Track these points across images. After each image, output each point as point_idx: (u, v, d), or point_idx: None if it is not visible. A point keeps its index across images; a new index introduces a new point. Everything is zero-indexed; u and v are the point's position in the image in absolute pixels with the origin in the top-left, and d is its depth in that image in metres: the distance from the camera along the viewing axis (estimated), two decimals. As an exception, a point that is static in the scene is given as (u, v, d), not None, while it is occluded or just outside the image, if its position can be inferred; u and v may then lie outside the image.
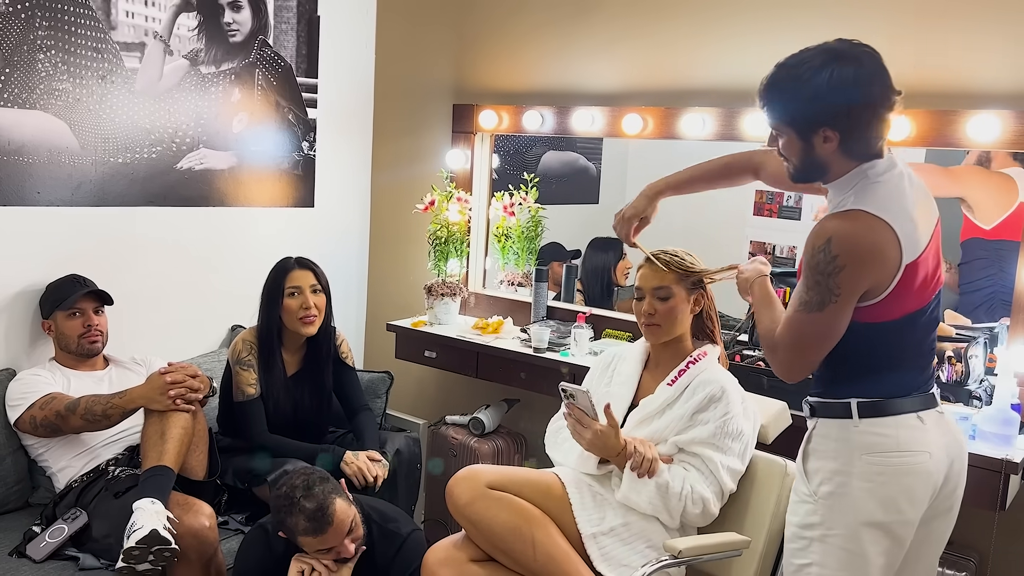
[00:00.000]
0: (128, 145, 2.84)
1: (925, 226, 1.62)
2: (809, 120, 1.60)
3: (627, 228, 2.13)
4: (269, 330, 2.65)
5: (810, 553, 1.68)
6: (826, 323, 1.60)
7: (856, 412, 1.65)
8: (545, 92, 3.18)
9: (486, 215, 3.37)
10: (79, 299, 2.55)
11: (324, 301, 2.67)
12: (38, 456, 2.50)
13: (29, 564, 2.21)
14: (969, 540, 2.36)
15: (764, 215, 3.11)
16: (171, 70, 2.93)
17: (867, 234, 1.56)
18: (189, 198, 3.05)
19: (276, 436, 2.60)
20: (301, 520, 2.06)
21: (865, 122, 1.58)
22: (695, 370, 2.11)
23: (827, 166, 1.64)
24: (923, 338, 1.69)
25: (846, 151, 1.61)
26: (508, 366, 2.94)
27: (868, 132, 1.59)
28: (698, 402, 2.06)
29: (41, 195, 2.65)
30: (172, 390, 2.31)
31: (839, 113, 1.57)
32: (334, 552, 2.11)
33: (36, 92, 2.59)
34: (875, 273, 1.58)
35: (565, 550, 1.96)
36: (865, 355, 1.65)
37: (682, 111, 2.82)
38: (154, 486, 2.17)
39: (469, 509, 2.00)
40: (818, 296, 1.59)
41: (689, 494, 2.00)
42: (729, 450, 2.03)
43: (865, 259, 1.56)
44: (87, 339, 2.56)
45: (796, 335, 1.64)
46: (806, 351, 1.65)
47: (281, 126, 3.30)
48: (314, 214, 3.48)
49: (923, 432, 1.65)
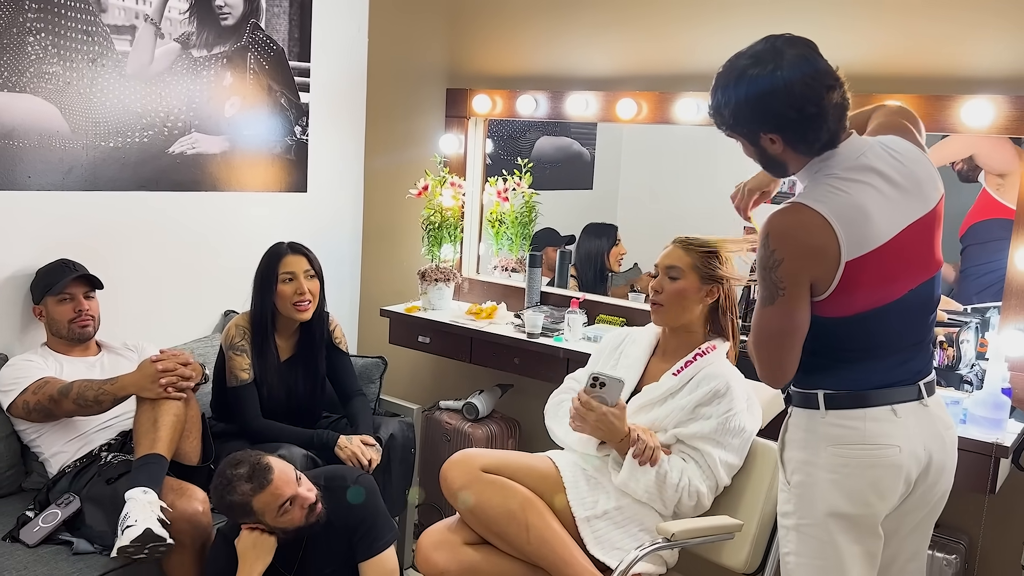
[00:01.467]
0: (119, 129, 2.82)
1: (891, 216, 1.58)
2: (746, 127, 1.61)
3: (747, 200, 1.97)
4: (263, 316, 2.64)
5: (789, 542, 1.70)
6: (780, 317, 1.59)
7: (823, 403, 1.64)
8: (539, 76, 3.17)
9: (480, 200, 3.36)
10: (69, 284, 2.54)
11: (318, 286, 2.67)
12: (31, 441, 2.50)
13: (23, 548, 2.21)
14: (959, 523, 2.38)
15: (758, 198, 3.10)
16: (162, 53, 2.91)
17: (801, 228, 1.55)
18: (181, 183, 3.03)
19: (269, 421, 2.60)
20: (243, 486, 2.05)
21: (797, 122, 1.56)
22: (702, 363, 2.10)
23: (784, 164, 1.64)
24: (903, 328, 1.65)
25: (795, 149, 1.60)
26: (502, 351, 2.94)
27: (805, 130, 1.56)
28: (701, 396, 2.06)
29: (32, 179, 2.64)
30: (163, 378, 2.30)
31: (767, 119, 1.57)
32: (298, 503, 2.08)
33: (26, 75, 2.57)
34: (813, 268, 1.56)
35: (559, 533, 1.97)
36: (830, 348, 1.64)
37: (677, 96, 2.81)
38: (147, 474, 2.17)
39: (463, 493, 2.01)
40: (766, 291, 1.59)
41: (687, 486, 2.01)
42: (728, 446, 2.04)
43: (799, 254, 1.55)
44: (78, 324, 2.55)
45: (759, 332, 1.64)
46: (771, 349, 1.63)
47: (273, 110, 3.28)
48: (307, 199, 3.46)
49: (894, 425, 1.62)
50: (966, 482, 2.08)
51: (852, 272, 1.55)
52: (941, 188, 1.66)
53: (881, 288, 1.59)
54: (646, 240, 2.95)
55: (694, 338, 2.17)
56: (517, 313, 3.07)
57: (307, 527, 2.13)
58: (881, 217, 1.57)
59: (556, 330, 2.88)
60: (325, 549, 2.19)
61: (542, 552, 1.95)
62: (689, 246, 2.14)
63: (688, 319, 2.16)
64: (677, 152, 3.24)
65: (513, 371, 2.95)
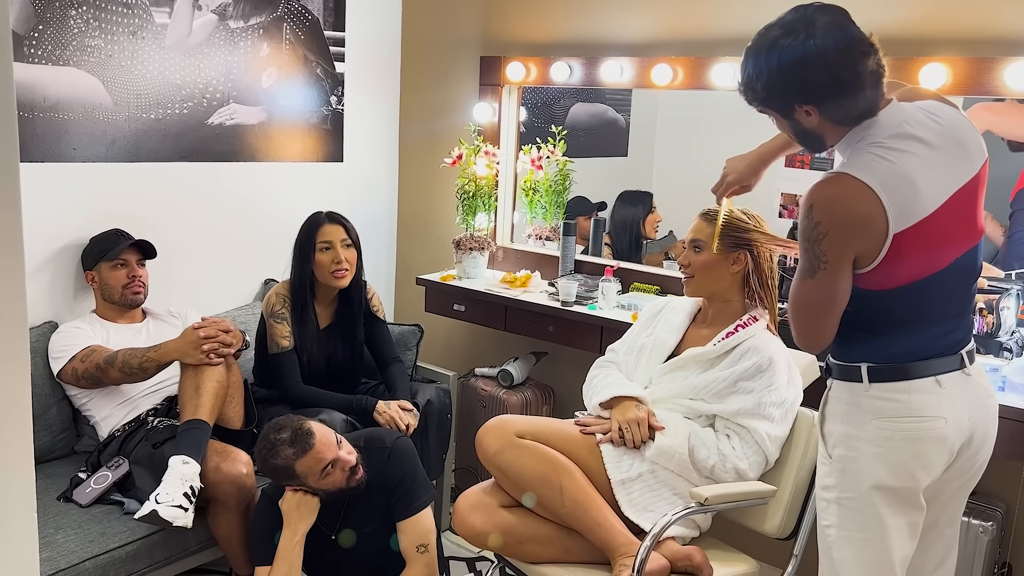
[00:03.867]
0: (160, 101, 2.87)
1: (938, 184, 1.55)
2: (779, 100, 1.57)
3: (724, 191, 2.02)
4: (302, 284, 2.69)
5: (829, 515, 1.69)
6: (821, 290, 1.57)
7: (866, 377, 1.61)
8: (573, 43, 3.15)
9: (514, 169, 3.37)
10: (124, 250, 2.61)
11: (355, 255, 2.71)
12: (81, 406, 2.58)
13: (77, 508, 2.30)
14: (996, 490, 2.36)
15: (796, 166, 3.07)
16: (200, 25, 2.94)
17: (848, 200, 1.52)
18: (221, 153, 3.08)
19: (309, 387, 2.66)
20: (286, 450, 2.10)
21: (833, 91, 1.52)
22: (743, 335, 2.10)
23: (821, 137, 1.61)
24: (947, 298, 1.62)
25: (831, 120, 1.57)
26: (536, 319, 2.96)
27: (841, 99, 1.53)
28: (744, 369, 2.06)
29: (77, 151, 2.70)
30: (205, 344, 2.37)
31: (802, 89, 1.54)
32: (339, 466, 2.14)
33: (69, 49, 2.62)
34: (859, 241, 1.53)
35: (592, 496, 2.00)
36: (874, 320, 1.62)
37: (712, 61, 2.78)
38: (189, 441, 2.24)
39: (498, 458, 2.05)
40: (807, 263, 1.57)
41: (719, 462, 2.03)
42: (773, 418, 2.04)
43: (846, 226, 1.52)
44: (131, 289, 2.63)
45: (797, 303, 1.62)
46: (811, 319, 1.62)
47: (309, 80, 3.31)
48: (343, 169, 3.50)
49: (939, 397, 1.60)
50: (1004, 449, 2.06)
51: (899, 244, 1.52)
52: (985, 152, 1.62)
53: (927, 259, 1.56)
54: (681, 208, 2.94)
55: (733, 307, 2.17)
56: (551, 281, 3.08)
57: (348, 489, 2.18)
58: (928, 186, 1.53)
59: (590, 298, 2.89)
60: (366, 509, 2.25)
61: (576, 514, 1.98)
62: (711, 218, 2.14)
63: (720, 288, 2.16)
64: (713, 118, 3.20)
65: (547, 339, 2.98)
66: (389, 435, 2.35)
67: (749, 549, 2.19)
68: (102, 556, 2.15)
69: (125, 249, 2.62)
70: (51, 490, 2.37)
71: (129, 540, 2.21)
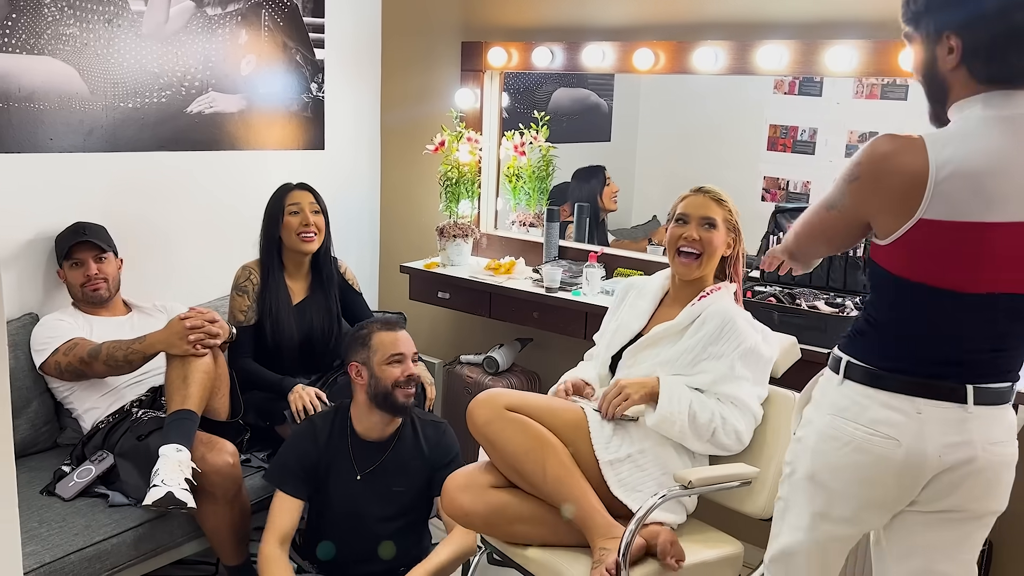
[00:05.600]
0: (137, 90, 2.83)
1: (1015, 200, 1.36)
2: (937, 20, 1.41)
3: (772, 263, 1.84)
4: (269, 252, 2.74)
5: (783, 487, 1.68)
6: (831, 225, 1.54)
7: (843, 372, 1.54)
8: (555, 27, 3.14)
9: (497, 155, 3.36)
10: (75, 249, 2.58)
11: (323, 222, 2.76)
12: (64, 398, 2.56)
13: (61, 501, 2.29)
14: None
15: (778, 150, 3.08)
16: (177, 12, 2.91)
17: (898, 160, 1.39)
18: (200, 142, 3.05)
19: (254, 364, 2.68)
20: (376, 324, 2.36)
21: (993, 35, 1.36)
22: (706, 302, 2.13)
23: (947, 85, 1.44)
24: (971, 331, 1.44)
25: (970, 68, 1.39)
26: (521, 306, 2.96)
27: (996, 49, 1.37)
28: (708, 333, 2.09)
29: (54, 142, 2.66)
30: (192, 335, 2.35)
31: (968, 17, 1.38)
32: (404, 368, 2.27)
33: (43, 37, 2.58)
34: (884, 205, 1.42)
35: (574, 475, 2.01)
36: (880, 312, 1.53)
37: (694, 45, 2.78)
38: (178, 431, 2.23)
39: (487, 428, 2.04)
40: (833, 196, 1.51)
41: (720, 426, 2.04)
42: (749, 378, 2.07)
43: (877, 184, 1.42)
44: (88, 287, 2.60)
45: (806, 220, 1.60)
46: (809, 238, 1.61)
47: (289, 68, 3.28)
48: (324, 156, 3.47)
49: (908, 419, 1.45)
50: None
51: (924, 232, 1.38)
52: None
53: (954, 269, 1.40)
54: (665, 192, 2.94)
55: (704, 283, 2.20)
56: (535, 268, 3.08)
57: (394, 404, 2.28)
58: (1004, 192, 1.35)
59: (574, 284, 2.89)
60: (404, 466, 2.33)
61: (559, 491, 1.99)
62: (719, 200, 2.17)
63: (710, 269, 2.19)
64: (696, 103, 3.21)
65: (532, 325, 2.98)
66: (441, 420, 2.49)
67: (734, 530, 2.21)
68: (88, 549, 2.14)
69: (78, 248, 2.58)
70: (34, 484, 2.35)
71: (115, 532, 2.20)
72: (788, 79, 2.93)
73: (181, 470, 2.13)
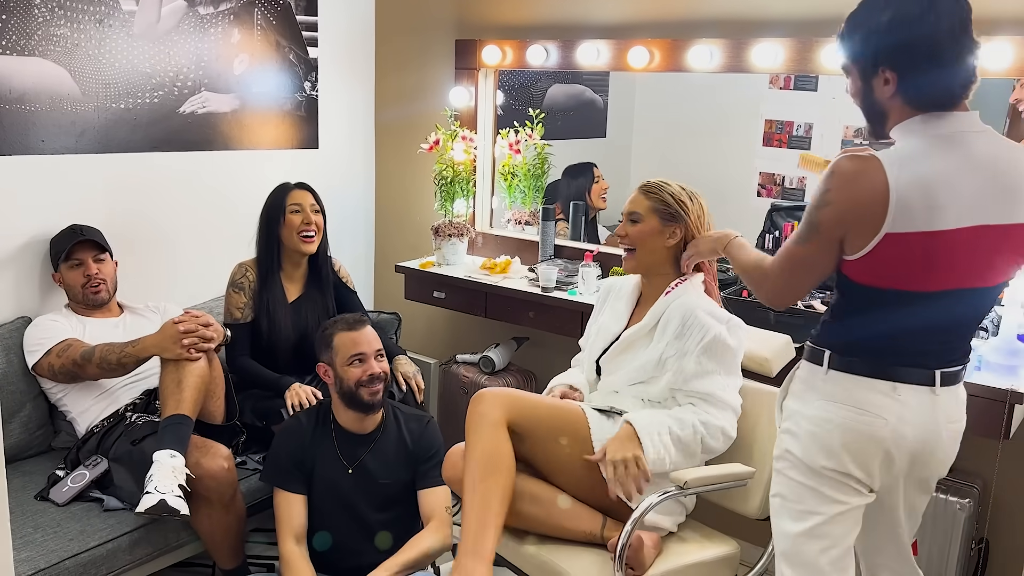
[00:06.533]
0: (129, 90, 2.82)
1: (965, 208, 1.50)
2: (869, 57, 1.56)
3: (690, 263, 2.15)
4: (268, 252, 2.73)
5: (776, 483, 1.73)
6: (809, 257, 1.59)
7: (827, 363, 1.64)
8: (549, 25, 3.12)
9: (492, 153, 3.34)
10: (75, 249, 2.57)
11: (323, 221, 2.77)
12: (58, 401, 2.55)
13: (55, 506, 2.28)
14: (973, 467, 2.39)
15: (774, 145, 3.07)
16: (169, 12, 2.89)
17: (863, 181, 1.50)
18: (193, 142, 3.03)
19: (252, 362, 2.68)
20: (340, 323, 2.35)
21: (923, 65, 1.51)
22: (668, 298, 2.11)
23: (886, 112, 1.58)
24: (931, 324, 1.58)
25: (904, 96, 1.54)
26: (517, 306, 2.95)
27: (927, 77, 1.51)
28: (673, 331, 2.06)
29: (45, 143, 2.65)
30: (185, 339, 2.34)
31: (897, 51, 1.52)
32: (365, 368, 2.27)
33: (34, 38, 2.56)
34: (855, 224, 1.52)
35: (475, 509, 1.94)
36: (851, 312, 1.63)
37: (689, 43, 2.76)
38: (173, 436, 2.22)
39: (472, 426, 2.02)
40: (805, 229, 1.59)
41: (704, 433, 2.01)
42: (717, 370, 2.03)
43: (849, 204, 1.52)
44: (89, 288, 2.59)
45: (785, 262, 1.64)
46: (793, 277, 1.64)
47: (282, 66, 3.26)
48: (319, 155, 3.46)
49: (890, 400, 1.60)
50: (980, 428, 2.09)
51: (889, 245, 1.51)
52: None
53: (916, 273, 1.54)
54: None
55: (667, 280, 2.16)
56: (531, 267, 3.07)
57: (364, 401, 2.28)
58: (951, 202, 1.49)
59: (570, 283, 2.89)
60: (387, 461, 2.35)
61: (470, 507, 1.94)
62: (648, 191, 2.15)
63: (656, 261, 2.15)
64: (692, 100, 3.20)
65: (528, 325, 2.97)
66: (425, 413, 2.51)
67: (730, 529, 2.21)
68: (82, 555, 2.13)
69: (77, 248, 2.57)
70: (29, 488, 2.35)
71: (110, 537, 2.19)
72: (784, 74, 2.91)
73: (175, 476, 2.12)
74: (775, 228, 2.79)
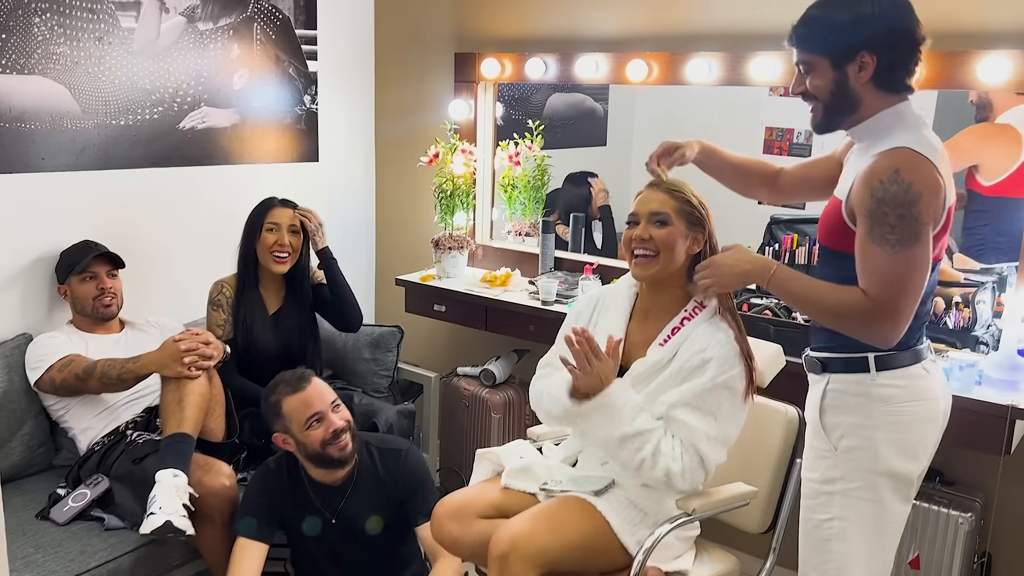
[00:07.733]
0: (129, 107, 2.82)
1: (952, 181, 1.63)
2: (848, 45, 1.59)
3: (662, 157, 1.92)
4: (246, 265, 2.73)
5: (831, 508, 1.70)
6: (923, 259, 1.54)
7: (874, 366, 1.66)
8: (548, 39, 3.13)
9: (491, 166, 3.35)
10: (91, 263, 2.58)
11: (299, 242, 2.74)
12: (59, 417, 2.56)
13: (56, 526, 2.28)
14: (975, 481, 2.39)
15: (774, 152, 3.07)
16: (168, 28, 2.89)
17: (926, 166, 1.55)
18: (193, 157, 3.04)
19: (243, 380, 2.66)
20: (282, 386, 2.18)
21: (905, 49, 1.59)
22: (689, 328, 1.88)
23: (859, 99, 1.63)
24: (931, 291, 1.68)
25: (879, 82, 1.60)
26: (517, 319, 2.95)
27: (906, 61, 1.60)
28: (685, 361, 1.85)
29: (46, 161, 2.65)
30: (186, 357, 2.34)
31: (881, 35, 1.57)
32: (326, 426, 2.15)
33: (34, 57, 2.57)
34: (939, 204, 1.56)
35: None
36: None
37: (688, 56, 2.76)
38: (174, 455, 2.22)
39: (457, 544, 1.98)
40: (908, 229, 1.51)
41: (647, 459, 1.78)
42: (712, 412, 1.80)
43: (934, 188, 1.55)
44: (101, 302, 2.60)
45: (904, 279, 1.53)
46: (912, 290, 1.55)
47: (282, 80, 3.27)
48: (319, 168, 3.46)
49: (928, 380, 1.69)
50: (982, 443, 2.09)
51: (947, 219, 1.61)
52: None
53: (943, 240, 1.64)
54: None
55: (677, 294, 1.92)
56: (531, 280, 3.07)
57: (334, 457, 2.17)
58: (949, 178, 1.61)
59: (570, 296, 2.89)
60: (369, 502, 2.26)
61: None
62: (673, 191, 1.89)
63: (676, 271, 1.90)
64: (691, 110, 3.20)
65: (529, 338, 2.97)
66: (402, 441, 2.41)
67: (729, 541, 2.21)
68: (83, 575, 2.13)
69: (93, 261, 2.59)
70: (30, 507, 2.35)
71: (111, 557, 2.19)
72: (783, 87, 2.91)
73: (179, 496, 2.12)
74: (775, 241, 2.79)
